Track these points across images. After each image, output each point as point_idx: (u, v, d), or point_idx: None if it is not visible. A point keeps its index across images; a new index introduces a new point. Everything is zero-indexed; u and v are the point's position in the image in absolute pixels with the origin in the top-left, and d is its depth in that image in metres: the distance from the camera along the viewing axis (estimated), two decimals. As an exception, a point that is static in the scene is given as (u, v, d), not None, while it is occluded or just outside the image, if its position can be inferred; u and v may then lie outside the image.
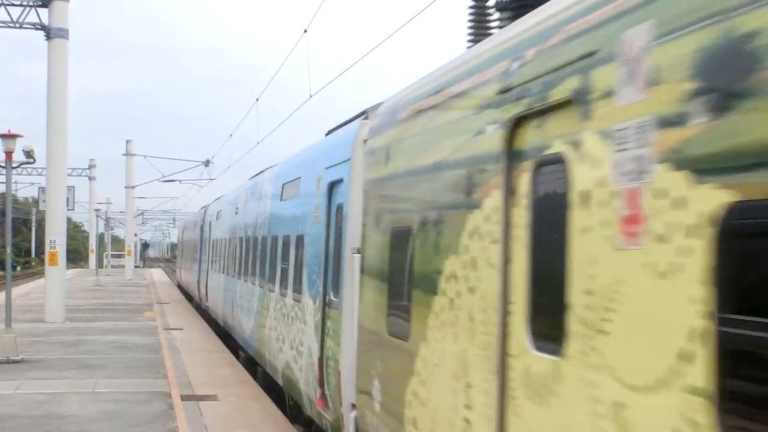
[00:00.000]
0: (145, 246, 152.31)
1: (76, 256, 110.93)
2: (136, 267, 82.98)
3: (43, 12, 28.04)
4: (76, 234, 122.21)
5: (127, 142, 65.30)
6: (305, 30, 19.92)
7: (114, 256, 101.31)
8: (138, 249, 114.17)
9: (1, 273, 25.01)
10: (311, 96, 20.84)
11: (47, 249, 28.64)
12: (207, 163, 57.48)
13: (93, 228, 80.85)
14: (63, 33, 28.00)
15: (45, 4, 27.83)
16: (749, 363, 3.23)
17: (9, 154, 20.26)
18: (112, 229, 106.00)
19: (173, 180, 62.54)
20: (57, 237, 28.49)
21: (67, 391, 15.34)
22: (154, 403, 14.31)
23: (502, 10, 7.05)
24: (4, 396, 14.90)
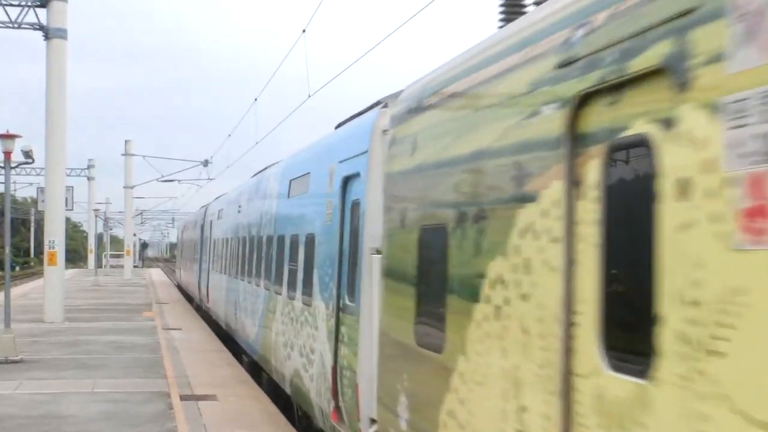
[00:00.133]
0: (144, 246, 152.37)
1: (75, 256, 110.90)
2: (135, 267, 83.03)
3: (42, 12, 28.05)
4: (75, 234, 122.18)
5: (126, 142, 65.40)
6: (304, 30, 19.93)
7: (113, 256, 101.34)
8: (137, 249, 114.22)
9: (0, 273, 24.97)
10: (310, 96, 20.87)
11: (46, 249, 28.64)
12: (206, 163, 57.49)
13: (92, 228, 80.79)
14: (61, 33, 28.00)
15: (43, 4, 27.82)
16: None
17: (8, 154, 20.25)
18: (111, 229, 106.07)
19: (172, 180, 62.52)
20: (56, 237, 28.49)
21: (66, 391, 15.34)
22: (153, 403, 14.32)
23: None
24: (3, 396, 14.90)
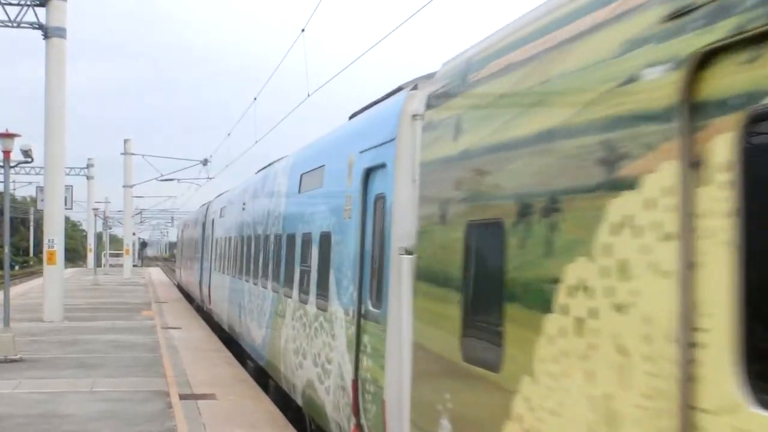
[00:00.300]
0: (144, 245, 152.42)
1: (74, 255, 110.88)
2: (134, 266, 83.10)
3: (41, 11, 28.04)
4: (74, 233, 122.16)
5: (125, 141, 65.43)
6: (303, 29, 19.94)
7: (112, 255, 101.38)
8: (136, 248, 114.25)
9: (0, 272, 24.95)
10: (309, 95, 20.87)
11: (45, 248, 28.63)
12: (205, 162, 57.46)
13: (91, 227, 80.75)
14: (61, 32, 27.99)
15: (43, 3, 27.81)
16: None
17: (7, 153, 20.26)
18: (110, 228, 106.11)
19: (171, 179, 62.50)
20: (55, 236, 28.49)
21: (66, 391, 15.35)
22: (152, 402, 14.32)
23: None
24: (2, 395, 14.90)
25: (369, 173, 8.78)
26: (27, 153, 24.11)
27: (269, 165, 17.93)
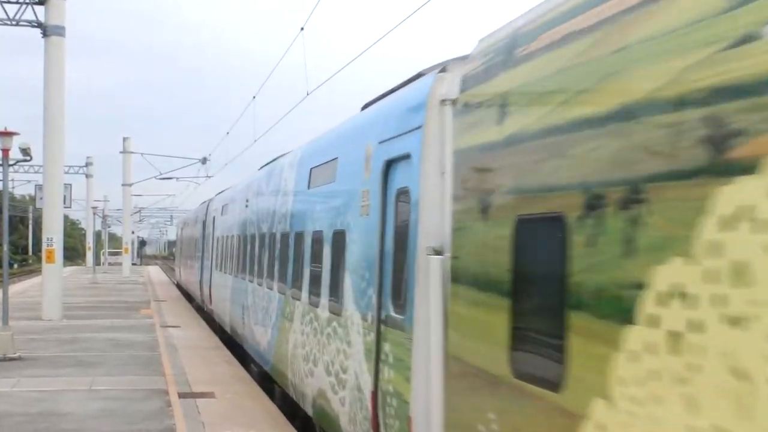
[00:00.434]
0: (142, 243, 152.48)
1: (73, 253, 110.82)
2: (133, 264, 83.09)
3: (40, 9, 28.00)
4: (73, 232, 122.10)
5: (124, 139, 65.43)
6: (302, 28, 19.93)
7: (111, 253, 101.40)
8: (135, 246, 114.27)
9: (-2, 271, 24.89)
10: (308, 93, 20.86)
11: (44, 246, 28.62)
12: (204, 161, 57.45)
13: (90, 226, 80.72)
14: (60, 30, 27.96)
15: (42, 1, 27.76)
16: None
17: (6, 151, 20.23)
18: (109, 227, 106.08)
19: (170, 177, 62.49)
20: (54, 234, 28.47)
21: (65, 389, 15.33)
22: (151, 401, 14.31)
23: None
24: (1, 394, 14.89)
25: (389, 165, 8.09)
26: (26, 151, 24.08)
27: (273, 160, 17.31)
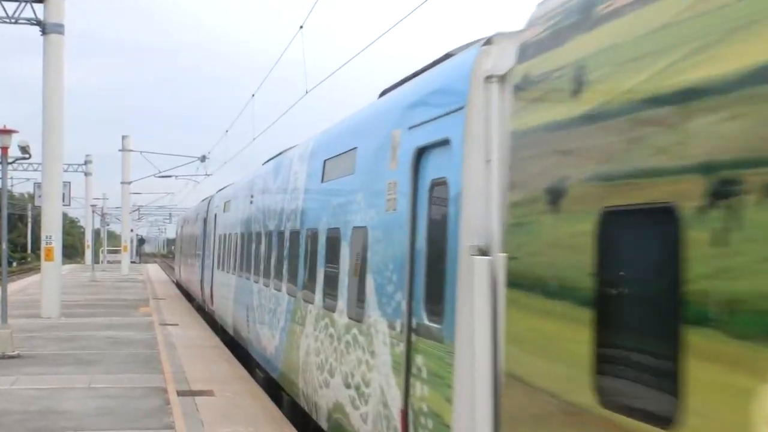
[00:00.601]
0: (141, 242, 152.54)
1: (72, 251, 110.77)
2: (132, 263, 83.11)
3: (39, 7, 27.99)
4: (72, 230, 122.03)
5: (123, 137, 65.44)
6: (301, 26, 19.92)
7: (110, 251, 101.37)
8: (134, 245, 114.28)
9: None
10: (307, 92, 20.85)
11: (43, 245, 28.63)
12: (203, 159, 57.48)
13: (89, 224, 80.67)
14: (59, 28, 27.95)
15: (41, -1, 27.80)
16: None
17: (5, 149, 20.24)
18: (108, 225, 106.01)
19: (169, 175, 62.53)
20: (53, 233, 28.47)
21: (63, 387, 15.34)
22: (150, 399, 14.32)
23: None
24: (0, 392, 14.90)
25: (422, 153, 7.24)
26: (25, 149, 24.09)
27: (279, 154, 16.52)
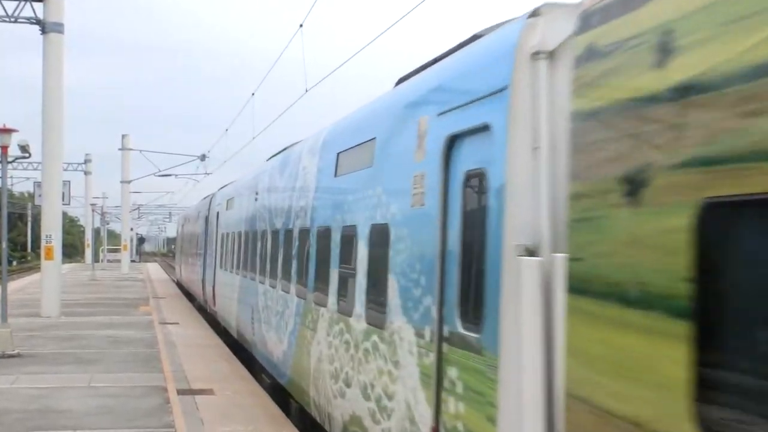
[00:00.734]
0: (141, 241, 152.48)
1: (72, 250, 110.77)
2: (132, 261, 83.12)
3: (39, 6, 27.98)
4: (71, 229, 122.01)
5: (123, 136, 65.42)
6: (301, 24, 19.92)
7: (110, 250, 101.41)
8: (134, 244, 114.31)
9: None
10: (307, 90, 20.84)
11: (43, 243, 28.63)
12: (203, 158, 57.45)
13: (89, 223, 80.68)
14: (58, 27, 27.94)
15: (40, -2, 27.78)
16: None
17: (4, 148, 20.23)
18: (108, 224, 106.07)
19: (169, 174, 62.52)
20: (53, 232, 28.46)
21: (63, 386, 15.34)
22: (150, 398, 14.32)
23: None
24: (0, 391, 14.90)
25: (454, 142, 6.59)
26: (24, 148, 24.06)
27: (284, 149, 15.88)
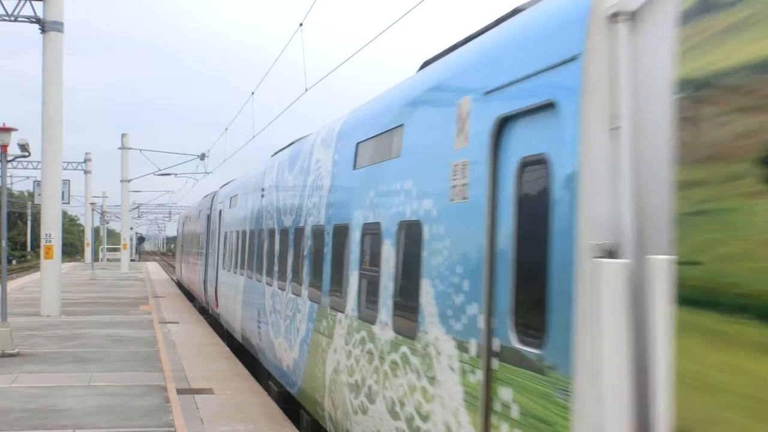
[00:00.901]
0: (141, 240, 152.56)
1: (71, 249, 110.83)
2: (131, 261, 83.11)
3: (38, 5, 27.98)
4: (71, 228, 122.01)
5: (123, 135, 65.39)
6: (301, 23, 19.91)
7: (110, 249, 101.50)
8: (134, 243, 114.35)
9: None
10: (307, 89, 20.83)
11: (43, 243, 28.62)
12: (203, 157, 57.42)
13: (89, 222, 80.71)
14: (58, 26, 27.94)
15: (40, -3, 27.77)
16: None
17: (4, 147, 20.24)
18: (107, 223, 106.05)
19: (169, 173, 62.48)
20: (52, 231, 28.47)
21: (63, 385, 15.34)
22: (149, 397, 14.33)
23: None
24: (0, 390, 14.92)
25: (505, 124, 5.75)
26: (24, 147, 24.05)
27: (290, 144, 15.12)
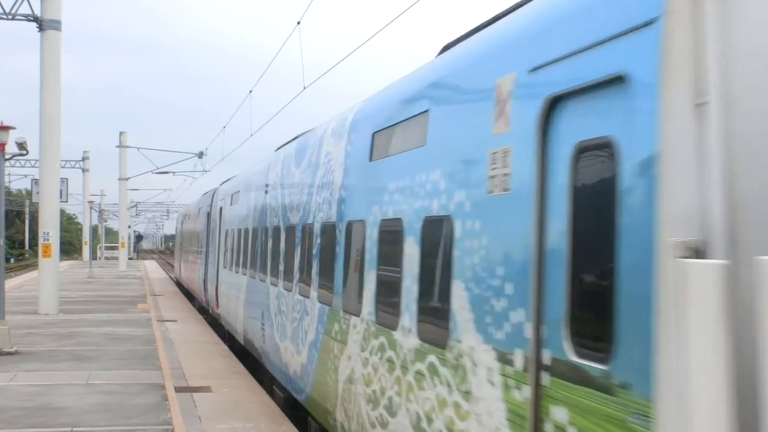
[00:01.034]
0: (139, 238, 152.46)
1: (69, 248, 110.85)
2: (129, 259, 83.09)
3: (36, 3, 28.01)
4: (69, 226, 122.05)
5: (121, 134, 65.37)
6: (298, 22, 19.92)
7: (108, 248, 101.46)
8: (132, 241, 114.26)
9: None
10: (305, 88, 20.85)
11: (41, 241, 28.63)
12: (200, 155, 57.41)
13: (86, 220, 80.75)
14: (56, 25, 27.94)
15: (38, -5, 27.77)
16: None
17: (2, 145, 20.24)
18: (105, 221, 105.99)
19: (167, 172, 62.45)
20: (50, 229, 28.47)
21: (61, 383, 15.35)
22: (147, 395, 14.34)
23: None
24: (-3, 388, 14.93)
25: (557, 104, 5.06)
26: (22, 146, 24.06)
27: (298, 137, 14.43)
